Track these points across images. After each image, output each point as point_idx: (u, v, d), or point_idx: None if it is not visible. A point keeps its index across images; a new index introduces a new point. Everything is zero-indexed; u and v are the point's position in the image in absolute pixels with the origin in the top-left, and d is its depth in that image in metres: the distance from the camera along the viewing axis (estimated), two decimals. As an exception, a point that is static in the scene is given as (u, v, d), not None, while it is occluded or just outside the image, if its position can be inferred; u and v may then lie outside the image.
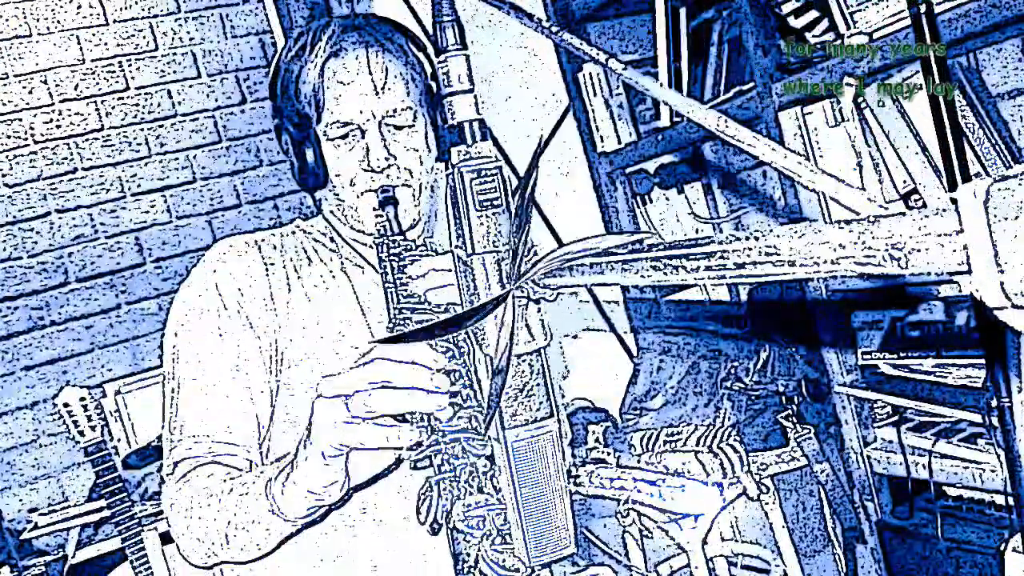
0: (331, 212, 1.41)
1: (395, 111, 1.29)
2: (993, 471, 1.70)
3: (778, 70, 1.96)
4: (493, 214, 0.90)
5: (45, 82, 1.93)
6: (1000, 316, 0.42)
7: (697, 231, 2.97)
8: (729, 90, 2.24)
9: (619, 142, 2.65)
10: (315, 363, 1.27)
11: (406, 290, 1.12)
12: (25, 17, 1.82)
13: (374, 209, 1.26)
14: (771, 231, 0.49)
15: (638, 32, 2.86)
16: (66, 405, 2.15)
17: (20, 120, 1.91)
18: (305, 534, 1.19)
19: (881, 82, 1.75)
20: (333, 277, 1.36)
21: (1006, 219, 0.42)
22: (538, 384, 0.90)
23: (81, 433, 2.11)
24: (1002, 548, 1.67)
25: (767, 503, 1.95)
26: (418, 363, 0.92)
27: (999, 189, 0.41)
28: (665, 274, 0.58)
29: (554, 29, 0.84)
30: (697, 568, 1.87)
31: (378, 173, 1.27)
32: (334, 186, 1.32)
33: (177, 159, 1.92)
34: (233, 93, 1.96)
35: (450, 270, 1.06)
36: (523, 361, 0.89)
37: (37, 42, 1.90)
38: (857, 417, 1.94)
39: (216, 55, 1.96)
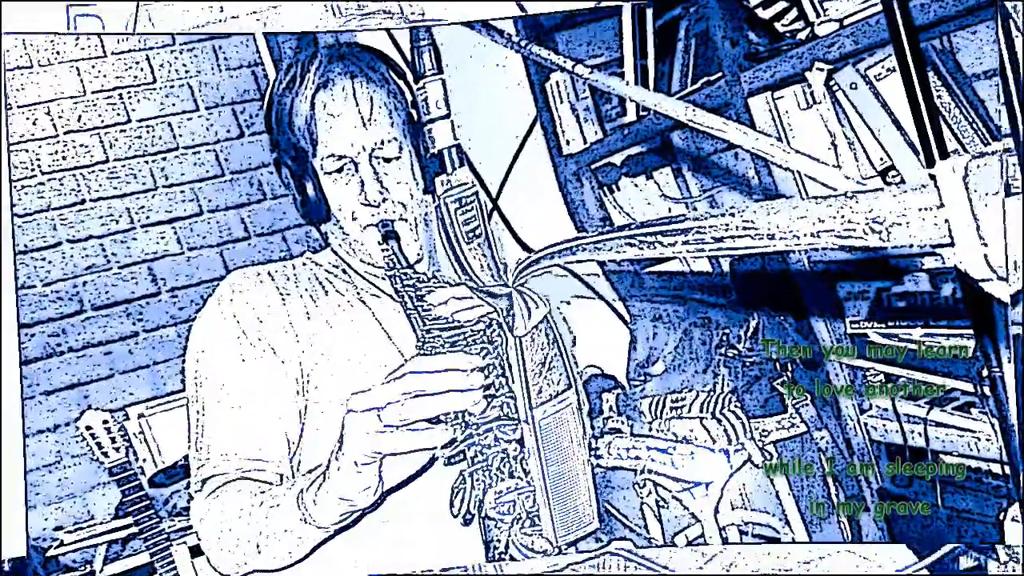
0: (339, 245, 1.41)
1: (382, 143, 1.29)
2: (988, 440, 1.69)
3: (747, 59, 1.96)
4: (479, 245, 0.91)
5: (48, 113, 1.90)
6: (986, 288, 0.42)
7: (669, 210, 2.95)
8: (696, 82, 2.24)
9: (585, 143, 2.63)
10: (343, 382, 1.27)
11: (430, 314, 1.13)
12: (25, 48, 1.80)
13: (379, 243, 1.27)
14: (747, 207, 0.50)
15: (605, 35, 2.85)
16: (88, 428, 2.06)
17: (26, 150, 1.87)
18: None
19: (853, 66, 1.76)
20: (352, 306, 1.37)
21: (987, 194, 0.42)
22: (555, 354, 0.91)
23: (105, 454, 2.09)
24: (1001, 517, 1.66)
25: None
26: (453, 368, 0.93)
27: (979, 165, 0.41)
28: (640, 250, 0.59)
29: (522, 42, 0.85)
30: (711, 537, 1.85)
31: (375, 207, 1.28)
32: (337, 220, 1.33)
33: (183, 192, 1.86)
34: (231, 127, 1.89)
35: (470, 296, 1.06)
36: (540, 332, 0.89)
37: (38, 73, 1.87)
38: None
39: (212, 88, 1.90)
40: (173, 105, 1.86)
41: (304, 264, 1.42)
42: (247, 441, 1.27)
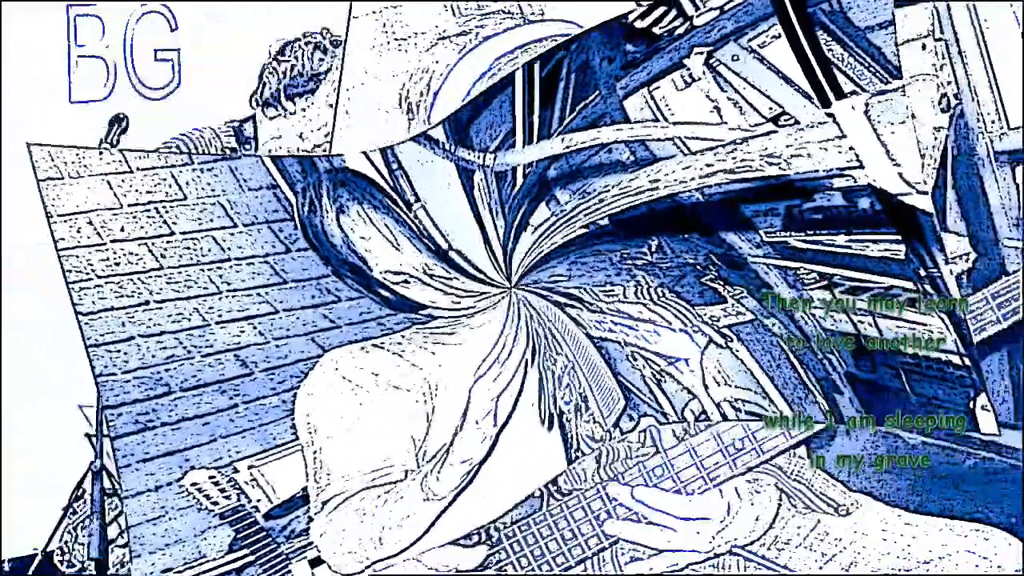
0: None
1: (425, 267, 1.32)
2: (941, 333, 1.73)
3: (623, 69, 1.92)
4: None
5: (91, 223, 1.82)
6: (906, 201, 0.50)
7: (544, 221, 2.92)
8: (574, 109, 2.09)
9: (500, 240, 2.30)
10: (472, 372, 1.30)
11: None
12: (52, 160, 1.77)
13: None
14: (622, 180, 0.58)
15: (502, 111, 2.69)
16: (194, 483, 1.99)
17: (76, 256, 1.80)
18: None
19: (735, 41, 1.78)
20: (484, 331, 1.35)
21: (892, 123, 0.49)
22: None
23: (215, 503, 2.04)
24: (971, 406, 1.71)
25: (737, 350, 1.88)
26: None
27: (879, 101, 0.48)
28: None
29: (451, 148, 0.97)
30: (712, 413, 1.82)
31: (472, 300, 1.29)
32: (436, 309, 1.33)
33: (250, 295, 1.74)
34: (275, 243, 1.76)
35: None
36: None
37: (70, 184, 1.81)
38: (785, 281, 1.85)
39: (243, 207, 1.78)
40: (211, 221, 1.76)
41: (416, 333, 1.40)
42: (368, 458, 1.32)
